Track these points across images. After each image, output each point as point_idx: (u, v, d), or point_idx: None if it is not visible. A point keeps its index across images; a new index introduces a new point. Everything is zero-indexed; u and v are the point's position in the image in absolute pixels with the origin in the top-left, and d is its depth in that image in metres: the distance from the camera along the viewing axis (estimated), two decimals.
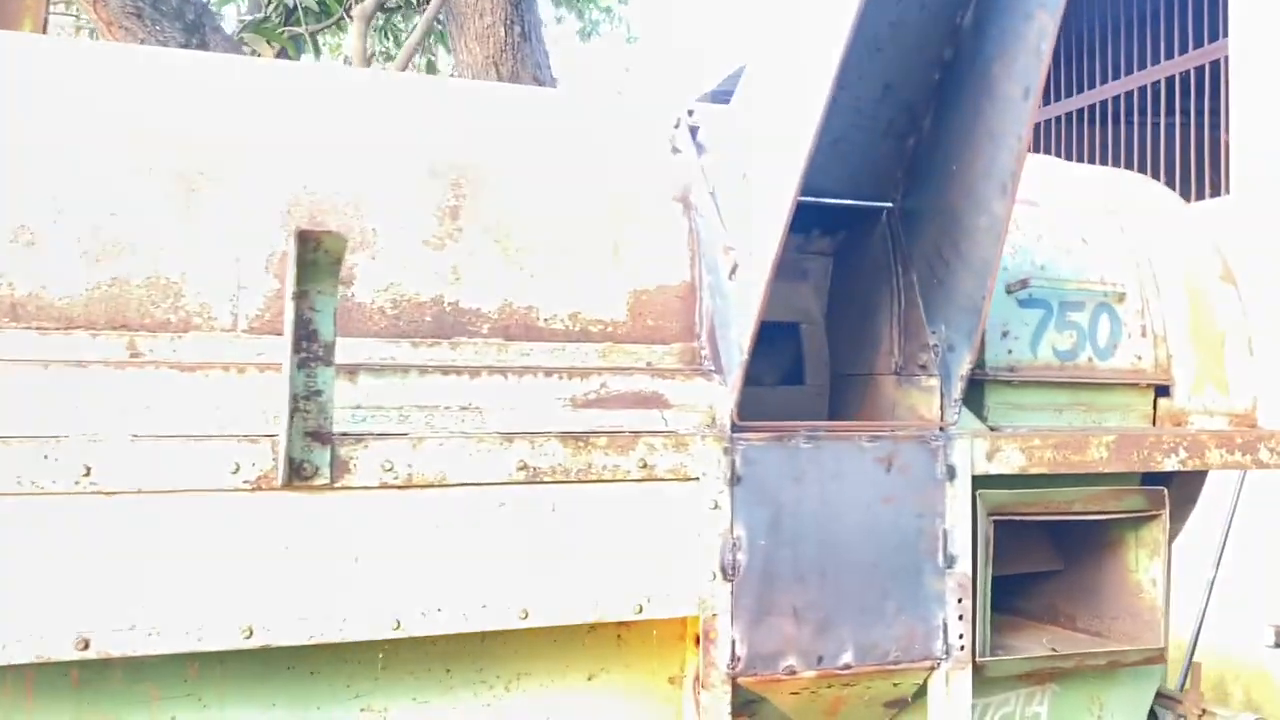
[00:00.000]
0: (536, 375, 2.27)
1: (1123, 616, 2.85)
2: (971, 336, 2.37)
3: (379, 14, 7.42)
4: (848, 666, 2.38)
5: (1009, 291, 2.69)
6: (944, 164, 2.46)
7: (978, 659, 2.48)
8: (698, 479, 2.27)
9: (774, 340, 2.97)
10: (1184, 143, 6.88)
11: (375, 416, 2.14)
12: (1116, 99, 7.28)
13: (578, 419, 2.28)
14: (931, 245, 2.51)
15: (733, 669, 2.28)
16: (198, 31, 4.94)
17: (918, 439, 2.44)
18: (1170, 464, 2.65)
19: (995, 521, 2.56)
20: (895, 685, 2.45)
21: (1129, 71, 7.22)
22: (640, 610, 2.24)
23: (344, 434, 2.05)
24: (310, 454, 1.99)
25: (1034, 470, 2.53)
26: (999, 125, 2.24)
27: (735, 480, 2.30)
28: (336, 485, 2.02)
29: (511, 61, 5.40)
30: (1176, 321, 2.86)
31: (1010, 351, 2.68)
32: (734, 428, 2.31)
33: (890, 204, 2.64)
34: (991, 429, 2.61)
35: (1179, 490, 2.96)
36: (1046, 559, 3.04)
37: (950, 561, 2.45)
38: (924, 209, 2.55)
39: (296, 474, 1.99)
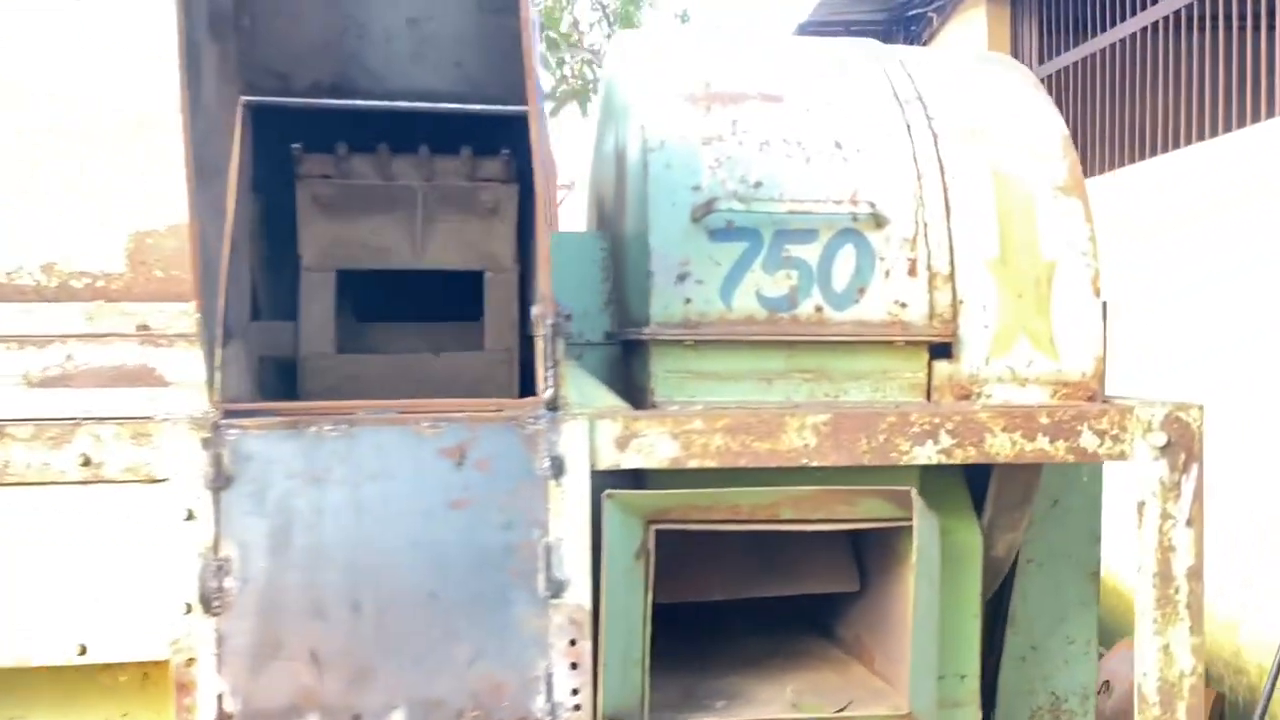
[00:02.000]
0: None
1: (905, 659, 2.08)
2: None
3: None
4: None
5: (694, 220, 1.96)
6: None
7: None
8: (166, 480, 1.71)
9: (464, 293, 2.34)
10: None
11: None
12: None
13: (26, 403, 1.76)
14: None
15: None
16: None
17: (507, 422, 1.79)
18: (924, 455, 1.88)
19: (659, 531, 1.87)
20: None
21: None
22: (84, 652, 1.71)
23: None
24: None
25: (694, 463, 1.82)
26: None
27: (223, 482, 1.72)
28: None
29: None
30: (973, 252, 2.04)
31: (689, 301, 1.94)
32: (226, 414, 1.74)
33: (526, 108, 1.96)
34: (656, 405, 1.91)
35: (1005, 487, 2.16)
36: (840, 577, 2.30)
37: (557, 588, 1.79)
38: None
39: None
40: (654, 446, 1.81)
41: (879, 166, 2.04)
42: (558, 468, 1.79)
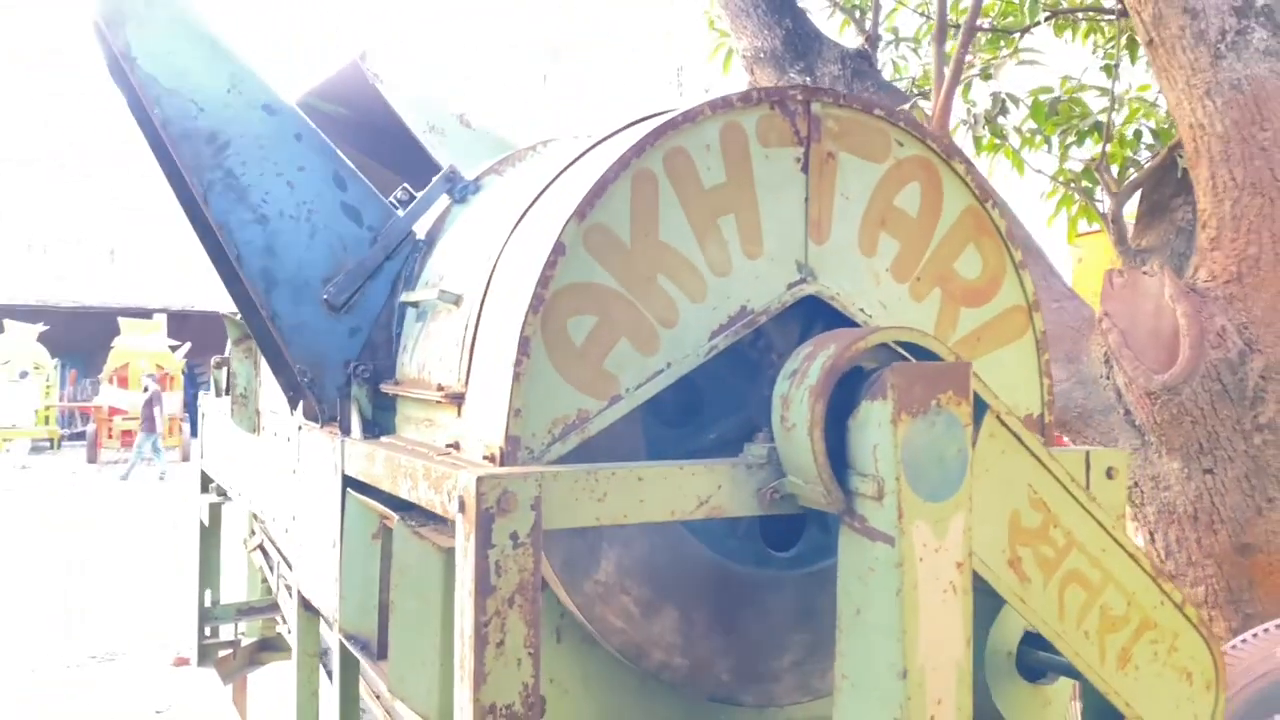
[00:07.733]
0: None
1: None
2: None
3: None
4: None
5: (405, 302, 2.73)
6: None
7: None
8: None
9: None
10: None
11: None
12: None
13: None
14: None
15: None
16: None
17: (334, 439, 2.96)
18: (403, 493, 2.35)
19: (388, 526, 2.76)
20: None
21: None
22: (296, 520, 3.56)
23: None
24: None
25: (364, 479, 2.68)
26: None
27: (299, 458, 3.36)
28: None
29: None
30: (490, 325, 2.21)
31: (403, 365, 2.69)
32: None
33: None
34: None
35: None
36: None
37: (336, 542, 2.90)
38: None
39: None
40: (354, 464, 2.75)
41: (479, 256, 2.44)
42: (335, 469, 2.89)
